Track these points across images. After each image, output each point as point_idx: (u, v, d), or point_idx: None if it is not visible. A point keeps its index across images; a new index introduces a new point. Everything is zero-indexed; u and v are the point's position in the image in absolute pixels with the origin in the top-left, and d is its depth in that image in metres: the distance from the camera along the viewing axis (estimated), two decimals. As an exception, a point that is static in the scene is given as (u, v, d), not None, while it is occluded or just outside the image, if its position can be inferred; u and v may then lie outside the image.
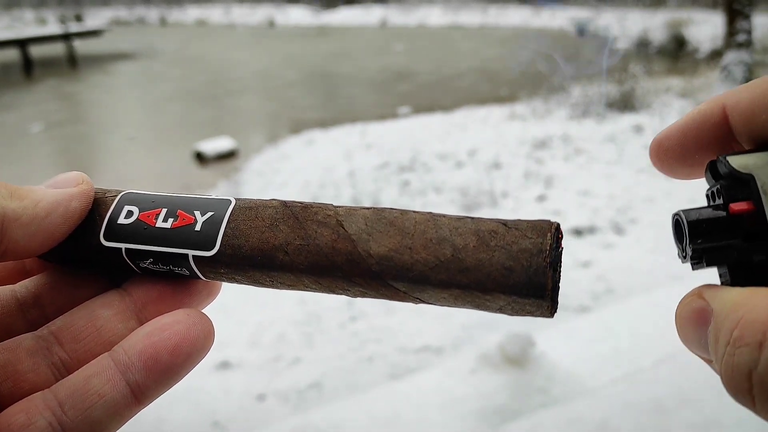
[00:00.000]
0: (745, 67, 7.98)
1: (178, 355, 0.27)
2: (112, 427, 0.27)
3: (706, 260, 0.24)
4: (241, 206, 0.30)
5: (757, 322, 0.20)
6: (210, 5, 42.97)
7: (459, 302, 0.26)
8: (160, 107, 11.04)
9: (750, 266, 0.24)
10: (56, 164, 7.75)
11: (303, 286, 0.29)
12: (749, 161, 0.24)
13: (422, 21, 28.92)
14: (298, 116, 9.50)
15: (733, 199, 0.24)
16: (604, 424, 1.89)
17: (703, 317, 0.23)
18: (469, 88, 11.10)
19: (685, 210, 0.25)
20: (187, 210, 0.30)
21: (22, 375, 0.28)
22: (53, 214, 0.28)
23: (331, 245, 0.27)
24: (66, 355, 0.29)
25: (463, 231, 0.26)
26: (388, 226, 0.27)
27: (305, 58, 16.76)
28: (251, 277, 0.29)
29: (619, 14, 21.30)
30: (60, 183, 0.30)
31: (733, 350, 0.20)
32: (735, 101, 0.25)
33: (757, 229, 0.23)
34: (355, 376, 2.62)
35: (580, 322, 2.74)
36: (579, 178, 5.26)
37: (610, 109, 7.67)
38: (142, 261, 0.30)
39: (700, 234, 0.24)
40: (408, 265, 0.26)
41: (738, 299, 0.22)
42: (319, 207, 0.29)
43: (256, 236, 0.28)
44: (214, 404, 2.43)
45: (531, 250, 0.25)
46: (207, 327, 0.29)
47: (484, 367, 2.27)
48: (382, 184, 5.58)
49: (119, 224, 0.30)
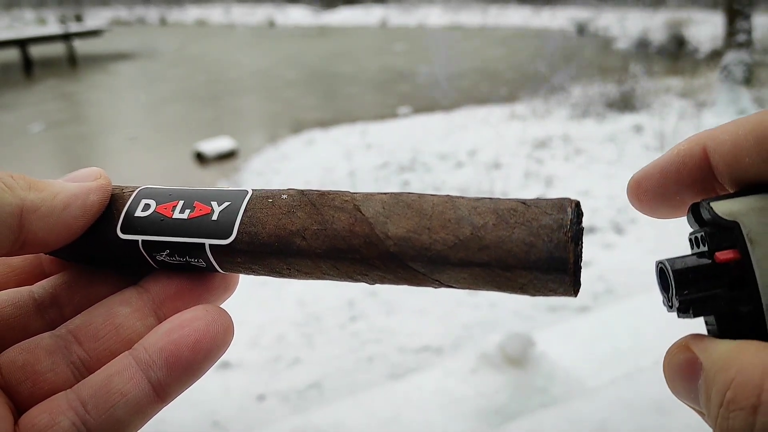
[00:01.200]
0: (745, 67, 7.98)
1: (199, 351, 0.27)
2: (136, 426, 0.27)
3: (693, 311, 0.24)
4: (258, 196, 0.30)
5: (749, 384, 0.20)
6: (210, 5, 42.96)
7: (480, 282, 0.26)
8: (160, 107, 11.04)
9: (737, 316, 0.23)
10: (56, 164, 7.75)
11: (321, 273, 0.28)
12: (733, 207, 0.23)
13: (422, 21, 28.92)
14: (298, 116, 9.50)
15: (718, 247, 0.23)
16: (604, 424, 1.89)
17: (693, 370, 0.23)
18: (469, 88, 11.11)
19: (669, 259, 0.25)
20: (204, 201, 0.30)
21: (41, 375, 0.28)
22: (71, 207, 0.28)
23: (349, 229, 0.27)
24: (85, 354, 0.28)
25: (482, 210, 0.26)
26: (406, 209, 0.27)
27: (305, 58, 16.76)
28: (268, 266, 0.29)
29: (619, 14, 21.31)
30: (78, 177, 0.30)
31: (727, 413, 0.20)
32: (716, 144, 0.25)
33: (743, 277, 0.23)
34: (355, 376, 2.62)
35: (580, 322, 2.74)
36: (579, 178, 5.26)
37: (610, 109, 7.67)
38: (158, 253, 0.30)
39: (687, 284, 0.24)
40: (426, 245, 0.26)
41: (727, 355, 0.21)
42: (336, 193, 0.29)
43: (272, 223, 0.28)
44: (214, 404, 2.43)
45: (552, 226, 0.25)
46: (226, 322, 0.29)
47: (484, 367, 2.27)
48: (382, 184, 5.58)
49: (136, 217, 0.30)
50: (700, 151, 0.25)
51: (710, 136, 0.25)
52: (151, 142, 8.65)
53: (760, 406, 0.19)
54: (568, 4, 27.39)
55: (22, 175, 0.28)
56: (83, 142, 8.91)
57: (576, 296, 0.26)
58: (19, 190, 0.27)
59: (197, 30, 30.32)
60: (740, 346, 0.22)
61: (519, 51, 15.37)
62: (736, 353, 0.21)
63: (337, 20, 32.10)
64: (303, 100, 11.10)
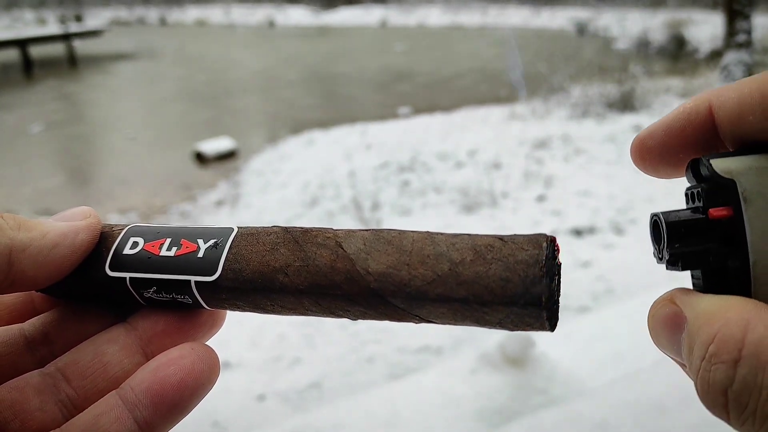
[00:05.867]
0: (744, 67, 7.98)
1: (185, 390, 0.28)
2: None
3: (682, 264, 0.24)
4: (243, 233, 0.30)
5: (732, 339, 0.20)
6: (210, 5, 42.96)
7: (459, 317, 0.27)
8: (160, 107, 11.04)
9: (724, 272, 0.24)
10: (56, 164, 7.75)
11: (304, 309, 0.29)
12: (732, 165, 0.23)
13: (422, 21, 28.92)
14: (298, 116, 9.50)
15: (713, 204, 0.24)
16: (604, 424, 1.89)
17: (677, 323, 0.24)
18: (469, 88, 11.11)
19: (664, 212, 0.25)
20: (191, 239, 0.30)
21: (30, 414, 0.28)
22: (60, 246, 0.29)
23: (330, 265, 0.28)
24: (73, 392, 0.29)
25: (460, 246, 0.26)
26: (386, 245, 0.27)
27: (305, 58, 16.76)
28: (252, 302, 0.29)
29: (619, 14, 21.31)
30: (68, 216, 0.30)
31: (708, 366, 0.21)
32: (722, 101, 0.25)
33: (734, 235, 0.23)
34: (355, 376, 2.62)
35: (580, 322, 2.74)
36: (579, 179, 5.26)
37: (610, 109, 7.67)
38: (146, 290, 0.30)
39: (679, 238, 0.24)
40: (406, 281, 0.26)
41: (712, 310, 0.22)
42: (318, 230, 0.29)
43: (256, 260, 0.29)
44: (214, 404, 2.43)
45: (527, 261, 0.25)
46: (212, 360, 0.29)
47: (484, 367, 2.27)
48: (382, 184, 5.58)
49: (124, 254, 0.31)
50: (706, 109, 0.25)
51: (716, 93, 0.25)
52: (151, 142, 8.65)
53: (741, 360, 0.20)
54: (568, 4, 27.40)
55: (11, 214, 0.28)
56: (83, 142, 8.91)
57: (553, 331, 0.26)
58: (8, 230, 0.27)
59: (197, 30, 30.32)
60: (725, 301, 0.22)
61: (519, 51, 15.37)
62: (721, 308, 0.22)
63: (337, 20, 32.10)
64: (303, 100, 11.10)
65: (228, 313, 0.32)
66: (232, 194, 5.77)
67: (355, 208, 4.87)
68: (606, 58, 11.06)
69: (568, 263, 3.58)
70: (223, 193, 6.01)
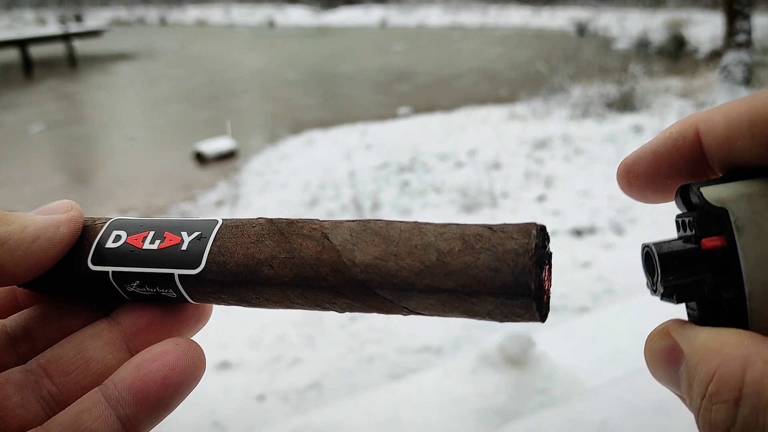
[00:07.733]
0: (744, 67, 7.98)
1: (168, 386, 0.27)
2: None
3: (677, 297, 0.24)
4: (228, 225, 0.30)
5: (732, 377, 0.20)
6: (210, 5, 42.95)
7: (447, 308, 0.26)
8: (160, 107, 11.04)
9: (720, 303, 0.23)
10: (57, 164, 7.75)
11: (289, 302, 0.28)
12: (723, 193, 0.23)
13: (422, 21, 28.92)
14: (298, 116, 9.50)
15: (705, 234, 0.23)
16: (604, 424, 1.89)
17: (674, 358, 0.23)
18: (469, 88, 11.11)
19: (656, 243, 0.24)
20: (174, 231, 0.30)
21: (10, 411, 0.27)
22: (40, 239, 0.28)
23: (316, 256, 0.27)
24: (56, 389, 0.28)
25: (448, 236, 0.26)
26: (373, 236, 0.27)
27: (305, 58, 16.76)
28: (237, 295, 0.29)
29: (619, 14, 21.32)
30: (49, 210, 0.30)
31: (709, 405, 0.20)
32: (709, 126, 0.24)
33: (728, 264, 0.23)
34: (355, 376, 2.62)
35: (580, 322, 2.74)
36: (579, 179, 5.26)
37: (610, 110, 7.67)
38: (129, 284, 0.29)
39: (672, 270, 0.24)
40: (393, 272, 0.26)
41: (709, 345, 0.22)
42: (304, 222, 0.29)
43: (241, 252, 0.28)
44: (214, 404, 2.43)
45: (516, 251, 0.24)
46: (197, 356, 0.28)
47: (484, 367, 2.27)
48: (382, 184, 5.58)
49: (107, 248, 0.30)
50: (693, 134, 0.25)
51: (703, 118, 0.25)
52: (151, 142, 8.65)
53: (741, 399, 0.20)
54: (568, 4, 27.40)
55: None
56: (83, 142, 8.91)
57: (543, 322, 0.25)
58: None
59: (197, 30, 30.31)
60: (721, 335, 0.22)
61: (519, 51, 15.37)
62: (718, 343, 0.21)
63: (337, 20, 32.10)
64: (303, 100, 11.09)
65: (228, 313, 0.32)
66: (231, 194, 5.77)
67: (355, 208, 4.87)
68: (606, 58, 11.06)
69: (568, 263, 3.58)
70: (222, 193, 6.01)
